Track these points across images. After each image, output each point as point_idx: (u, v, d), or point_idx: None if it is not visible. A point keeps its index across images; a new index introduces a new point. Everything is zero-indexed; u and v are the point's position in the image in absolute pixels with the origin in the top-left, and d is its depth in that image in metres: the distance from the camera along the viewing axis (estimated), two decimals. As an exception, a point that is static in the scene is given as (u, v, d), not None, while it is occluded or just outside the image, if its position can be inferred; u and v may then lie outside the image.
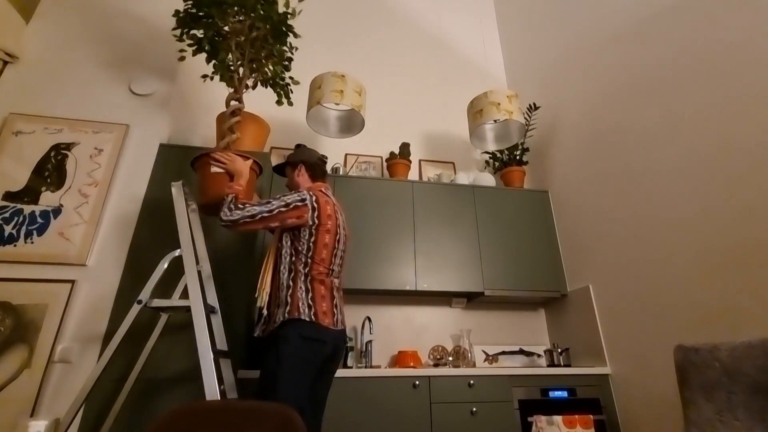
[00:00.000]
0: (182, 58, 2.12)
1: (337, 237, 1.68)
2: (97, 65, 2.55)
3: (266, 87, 2.23)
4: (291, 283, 1.55)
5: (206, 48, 2.01)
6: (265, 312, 1.61)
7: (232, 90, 1.98)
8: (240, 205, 1.54)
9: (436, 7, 3.97)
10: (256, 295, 1.59)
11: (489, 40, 3.96)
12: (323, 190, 1.75)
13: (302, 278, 1.55)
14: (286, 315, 1.50)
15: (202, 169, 1.80)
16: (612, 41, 2.43)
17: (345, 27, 3.62)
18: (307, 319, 1.49)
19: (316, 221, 1.60)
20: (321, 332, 1.51)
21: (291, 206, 1.57)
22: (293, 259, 1.59)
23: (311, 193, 1.64)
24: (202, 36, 2.02)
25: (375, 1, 3.81)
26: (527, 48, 3.48)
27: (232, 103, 1.95)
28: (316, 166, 1.84)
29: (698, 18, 1.88)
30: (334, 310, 1.59)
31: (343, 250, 1.73)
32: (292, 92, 2.28)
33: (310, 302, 1.52)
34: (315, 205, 1.61)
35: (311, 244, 1.59)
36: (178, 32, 2.01)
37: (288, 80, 2.25)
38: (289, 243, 1.61)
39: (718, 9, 1.79)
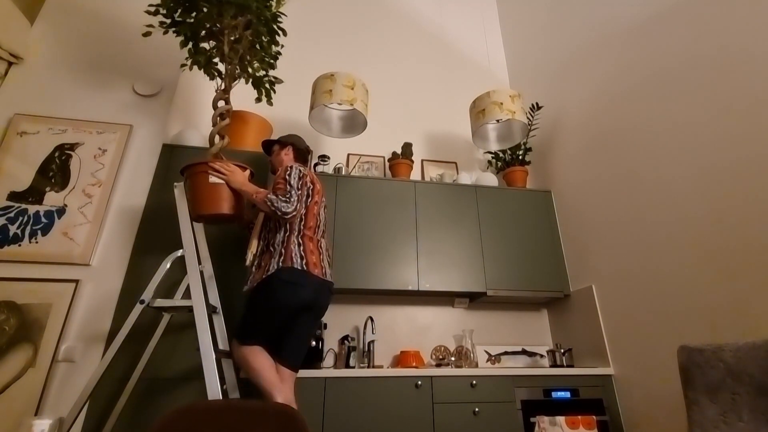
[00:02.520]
0: (147, 33, 2.01)
1: (320, 211, 1.89)
2: (100, 66, 2.57)
3: (247, 83, 2.17)
4: (285, 240, 1.74)
5: (186, 34, 1.95)
6: (254, 269, 1.77)
7: (221, 89, 1.94)
8: (289, 197, 1.72)
9: (439, 7, 3.96)
10: (245, 256, 1.77)
11: (491, 39, 3.95)
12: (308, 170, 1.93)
13: (295, 235, 1.76)
14: (280, 264, 1.67)
15: (198, 179, 1.76)
16: (615, 41, 2.42)
17: (347, 28, 3.62)
18: (299, 267, 1.68)
19: (312, 185, 1.86)
20: (301, 277, 1.68)
21: (301, 179, 1.80)
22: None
23: (300, 166, 1.86)
24: (180, 20, 1.94)
25: (377, 1, 3.81)
26: (530, 47, 3.47)
27: (220, 104, 1.91)
28: (301, 153, 2.08)
29: (704, 18, 1.87)
30: (322, 263, 1.78)
31: (325, 225, 1.95)
32: (274, 92, 2.25)
33: (302, 254, 1.72)
34: (307, 173, 1.87)
35: (306, 203, 1.82)
36: (152, 9, 1.94)
37: (272, 78, 2.21)
38: None
39: (723, 9, 1.78)
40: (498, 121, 2.63)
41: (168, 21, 1.99)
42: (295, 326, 1.71)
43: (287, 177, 1.76)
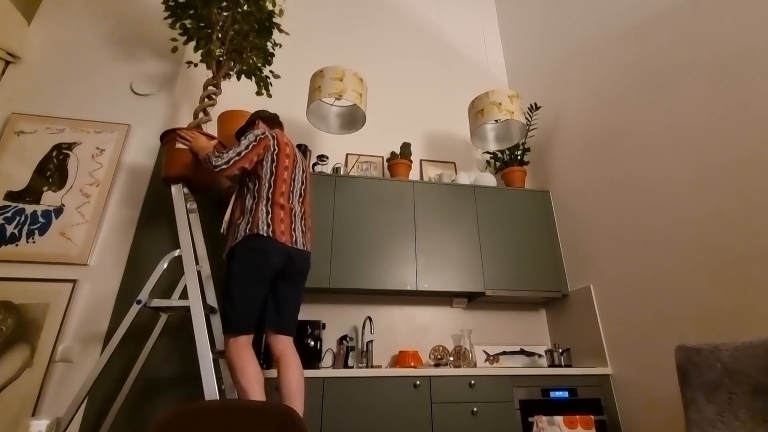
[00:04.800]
0: (174, 49, 2.26)
1: (293, 176, 1.86)
2: (98, 65, 2.56)
3: (250, 78, 2.36)
4: (254, 207, 1.73)
5: (195, 38, 2.16)
6: (228, 237, 1.78)
7: (211, 77, 2.15)
8: (223, 153, 1.74)
9: (438, 7, 3.96)
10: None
11: (490, 39, 3.96)
12: (278, 134, 1.92)
13: (264, 202, 1.73)
14: (247, 231, 1.66)
15: (168, 145, 1.94)
16: (614, 41, 2.42)
17: (346, 27, 3.62)
18: (265, 234, 1.66)
19: (276, 148, 1.82)
20: (267, 244, 1.66)
21: (257, 139, 1.79)
22: (257, 186, 1.77)
23: (265, 131, 1.86)
24: (191, 26, 2.15)
25: (376, 1, 3.81)
26: (529, 48, 3.47)
27: (209, 88, 2.11)
28: (271, 119, 2.05)
29: (702, 19, 1.87)
30: (293, 232, 1.76)
31: (303, 189, 1.91)
32: (271, 85, 2.42)
33: (270, 222, 1.70)
34: (273, 135, 1.85)
35: (273, 168, 1.79)
36: (170, 21, 2.16)
37: (268, 74, 2.38)
38: (253, 174, 1.80)
39: (721, 10, 1.79)
40: (496, 121, 2.63)
41: (182, 32, 2.18)
42: (278, 295, 1.72)
43: (243, 139, 1.79)
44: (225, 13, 2.12)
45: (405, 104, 3.40)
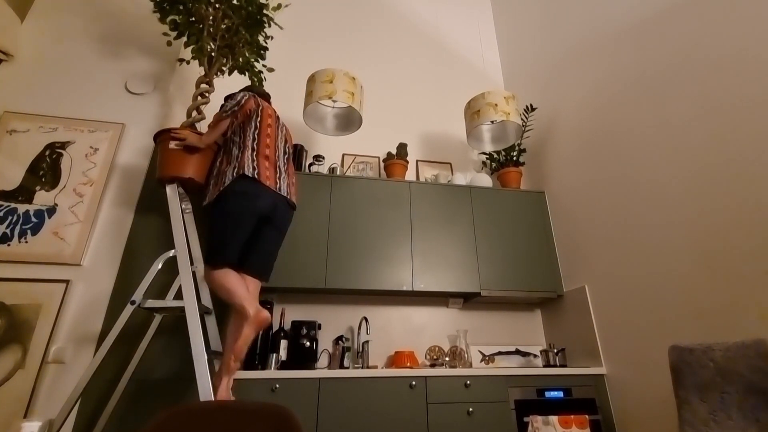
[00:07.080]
0: (169, 43, 2.29)
1: (276, 135, 2.00)
2: (92, 64, 2.54)
3: (243, 74, 2.38)
4: (240, 154, 1.83)
5: (186, 34, 2.16)
6: (211, 187, 1.87)
7: (203, 74, 2.15)
8: (230, 98, 1.91)
9: (434, 8, 3.97)
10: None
11: (486, 41, 3.97)
12: (262, 101, 2.05)
13: (249, 151, 1.84)
14: (234, 174, 1.76)
15: (162, 146, 1.97)
16: (609, 43, 2.44)
17: (342, 28, 3.62)
18: (250, 175, 1.76)
19: (260, 105, 1.97)
20: (252, 185, 1.78)
21: (247, 96, 1.94)
22: (241, 139, 1.89)
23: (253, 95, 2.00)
24: (180, 21, 2.16)
25: (373, 2, 3.82)
26: (524, 49, 3.49)
27: (202, 86, 2.13)
28: (262, 94, 2.16)
29: (696, 21, 1.89)
30: (278, 180, 1.88)
31: (287, 147, 2.06)
32: (265, 79, 2.46)
33: (255, 166, 1.80)
34: (256, 98, 2.00)
35: (257, 123, 1.93)
36: (159, 16, 2.18)
37: (261, 68, 2.40)
38: (238, 128, 1.92)
39: (715, 12, 1.80)
40: (492, 122, 2.64)
41: (172, 27, 2.18)
42: (259, 240, 1.83)
43: (235, 96, 1.93)
44: (216, 6, 2.11)
45: (401, 105, 3.40)
